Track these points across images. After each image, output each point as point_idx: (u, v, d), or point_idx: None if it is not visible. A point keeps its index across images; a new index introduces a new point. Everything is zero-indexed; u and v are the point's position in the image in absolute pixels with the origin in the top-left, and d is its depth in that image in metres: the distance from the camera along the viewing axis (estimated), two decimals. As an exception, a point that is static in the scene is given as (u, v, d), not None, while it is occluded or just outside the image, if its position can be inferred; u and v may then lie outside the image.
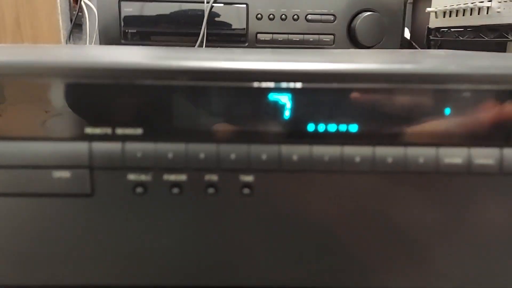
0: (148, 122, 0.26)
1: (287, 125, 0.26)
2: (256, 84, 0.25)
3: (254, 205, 0.27)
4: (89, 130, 0.26)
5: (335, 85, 0.25)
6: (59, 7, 0.72)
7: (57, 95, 0.25)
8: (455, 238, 0.28)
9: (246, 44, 0.71)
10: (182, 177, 0.26)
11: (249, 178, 0.27)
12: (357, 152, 0.26)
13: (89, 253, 0.28)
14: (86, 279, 0.28)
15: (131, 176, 0.26)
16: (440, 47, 0.87)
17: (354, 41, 0.73)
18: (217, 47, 0.68)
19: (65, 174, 0.26)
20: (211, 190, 0.27)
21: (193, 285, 0.29)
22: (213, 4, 0.68)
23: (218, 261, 0.28)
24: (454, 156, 0.26)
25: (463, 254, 0.28)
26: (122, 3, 0.68)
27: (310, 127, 0.26)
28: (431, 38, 0.92)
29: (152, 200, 0.27)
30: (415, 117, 0.26)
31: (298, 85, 0.26)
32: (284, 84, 0.25)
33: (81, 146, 0.26)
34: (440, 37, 0.88)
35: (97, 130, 0.26)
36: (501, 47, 0.80)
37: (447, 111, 0.26)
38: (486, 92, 0.25)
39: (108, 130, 0.26)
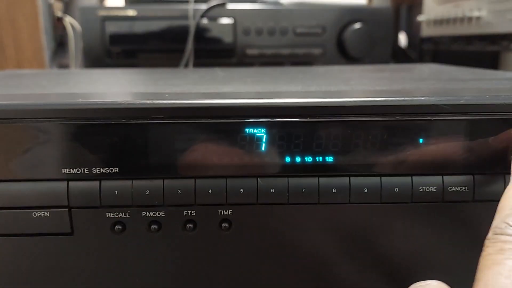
0: (124, 160, 0.26)
1: (264, 158, 0.26)
2: (231, 120, 0.26)
3: (233, 239, 0.27)
4: (66, 171, 0.26)
5: (309, 119, 0.26)
6: (42, 28, 0.72)
7: (31, 137, 0.25)
8: (433, 263, 0.28)
9: (235, 60, 0.71)
10: (160, 214, 0.27)
11: (227, 212, 0.27)
12: (333, 183, 0.27)
13: (71, 291, 0.28)
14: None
15: (109, 214, 0.26)
16: (435, 56, 0.87)
17: (343, 53, 0.73)
18: (205, 63, 0.69)
19: (44, 214, 0.26)
20: (190, 226, 0.27)
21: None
22: (199, 20, 0.68)
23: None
24: (428, 184, 0.26)
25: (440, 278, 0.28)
26: (107, 22, 0.68)
27: (287, 159, 0.27)
28: (423, 48, 0.92)
29: (131, 237, 0.27)
30: (389, 147, 0.26)
31: (273, 119, 0.26)
32: (259, 119, 0.26)
33: (59, 186, 0.26)
34: (432, 47, 0.88)
35: (74, 170, 0.26)
36: (493, 57, 0.80)
37: (421, 140, 0.26)
38: (457, 121, 0.26)
39: (85, 170, 0.26)
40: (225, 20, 0.70)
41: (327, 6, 0.75)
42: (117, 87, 0.36)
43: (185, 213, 0.27)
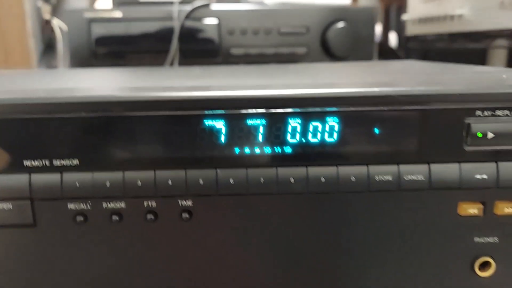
0: (84, 153, 0.26)
1: (223, 149, 0.27)
2: (190, 112, 0.26)
3: (194, 229, 0.28)
4: (28, 163, 0.26)
5: (265, 111, 0.26)
6: (30, 30, 0.73)
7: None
8: (389, 251, 0.28)
9: (220, 59, 0.72)
10: (121, 205, 0.27)
11: (187, 203, 0.27)
12: (292, 173, 0.27)
13: (34, 282, 0.28)
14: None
15: (71, 206, 0.27)
16: (425, 54, 0.87)
17: (327, 52, 0.74)
18: (191, 63, 0.69)
19: (7, 205, 0.27)
20: (150, 216, 0.27)
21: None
22: (184, 21, 0.69)
23: (159, 285, 0.29)
24: (384, 173, 0.27)
25: (398, 266, 0.29)
26: (93, 24, 0.69)
27: (246, 151, 0.27)
28: (409, 46, 0.93)
29: (93, 228, 0.27)
30: (345, 137, 0.27)
31: (232, 111, 0.26)
32: (218, 111, 0.26)
33: (21, 178, 0.27)
34: (417, 45, 0.89)
35: (36, 163, 0.26)
36: (481, 55, 0.81)
37: (376, 130, 0.27)
38: (411, 111, 0.26)
39: (46, 162, 0.26)
40: (210, 21, 0.71)
41: (311, 6, 0.76)
42: (87, 83, 0.37)
43: (145, 204, 0.27)
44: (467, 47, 0.76)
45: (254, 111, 0.26)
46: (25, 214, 0.27)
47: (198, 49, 0.71)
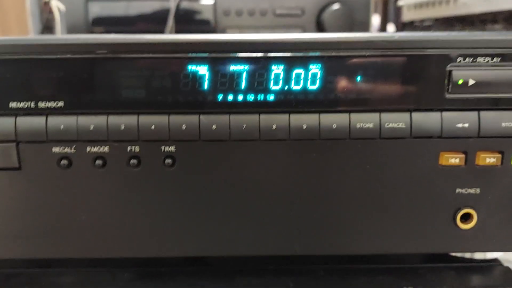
0: (69, 95, 0.27)
1: (206, 95, 0.27)
2: (173, 55, 0.26)
3: (177, 175, 0.28)
4: (13, 105, 0.27)
5: (249, 55, 0.26)
6: (29, 10, 0.73)
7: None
8: (370, 201, 0.29)
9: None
10: (105, 149, 0.27)
11: (170, 148, 0.28)
12: (274, 119, 0.27)
13: (18, 225, 0.29)
14: (15, 253, 0.29)
15: (56, 149, 0.27)
16: None
17: (323, 34, 0.74)
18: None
19: (-7, 148, 0.27)
20: (133, 161, 0.27)
21: (118, 256, 0.29)
22: (180, 2, 0.69)
23: (142, 232, 0.29)
24: (366, 121, 0.27)
25: (379, 216, 0.29)
26: (90, 3, 0.69)
27: (229, 97, 0.27)
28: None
29: (76, 172, 0.28)
30: (327, 84, 0.27)
31: (214, 55, 0.27)
32: (201, 54, 0.26)
33: (7, 121, 0.27)
34: (413, 31, 0.89)
35: (21, 104, 0.27)
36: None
37: (358, 78, 0.27)
38: (392, 57, 0.26)
39: (31, 104, 0.27)
40: (206, 1, 0.71)
41: (306, -13, 0.76)
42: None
43: (128, 148, 0.27)
44: (460, 31, 0.76)
45: (237, 55, 0.26)
46: (11, 157, 0.27)
47: (194, 30, 0.72)
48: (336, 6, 0.73)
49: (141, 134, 0.27)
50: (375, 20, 1.23)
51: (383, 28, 1.23)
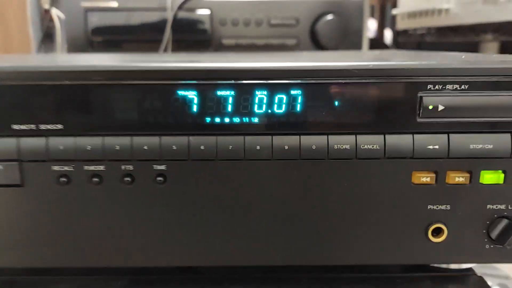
0: (68, 119, 0.29)
1: (195, 118, 0.29)
2: (164, 82, 0.29)
3: (167, 192, 0.30)
4: (16, 127, 0.29)
5: (235, 82, 0.29)
6: (30, 19, 0.75)
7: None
8: (346, 217, 0.31)
9: (212, 49, 0.74)
10: (101, 168, 0.29)
11: (162, 167, 0.30)
12: (257, 141, 0.29)
13: (20, 239, 0.31)
14: (16, 262, 0.31)
15: (55, 167, 0.29)
16: (419, 48, 0.89)
17: (317, 43, 0.76)
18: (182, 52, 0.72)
19: (-2, 167, 0.29)
20: (127, 179, 0.30)
21: (113, 265, 0.32)
22: (177, 12, 0.71)
23: (135, 243, 0.31)
24: (343, 142, 0.29)
25: (358, 229, 0.31)
26: (89, 13, 0.71)
27: (216, 120, 0.29)
28: (399, 40, 0.95)
29: (74, 189, 0.30)
30: (307, 109, 0.29)
31: (203, 81, 0.29)
32: (190, 82, 0.29)
33: (10, 142, 0.29)
34: (406, 39, 0.91)
35: (23, 127, 0.29)
36: (474, 48, 0.83)
37: (336, 102, 0.29)
38: (367, 84, 0.28)
39: (33, 126, 0.29)
40: (202, 11, 0.73)
41: (301, -2, 0.78)
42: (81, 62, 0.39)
43: (123, 167, 0.29)
44: (458, 41, 0.78)
45: (223, 81, 0.29)
46: (14, 175, 0.29)
47: (191, 39, 0.74)
48: (330, 16, 0.75)
49: (134, 154, 0.29)
50: (372, 25, 1.25)
51: (380, 34, 1.25)
